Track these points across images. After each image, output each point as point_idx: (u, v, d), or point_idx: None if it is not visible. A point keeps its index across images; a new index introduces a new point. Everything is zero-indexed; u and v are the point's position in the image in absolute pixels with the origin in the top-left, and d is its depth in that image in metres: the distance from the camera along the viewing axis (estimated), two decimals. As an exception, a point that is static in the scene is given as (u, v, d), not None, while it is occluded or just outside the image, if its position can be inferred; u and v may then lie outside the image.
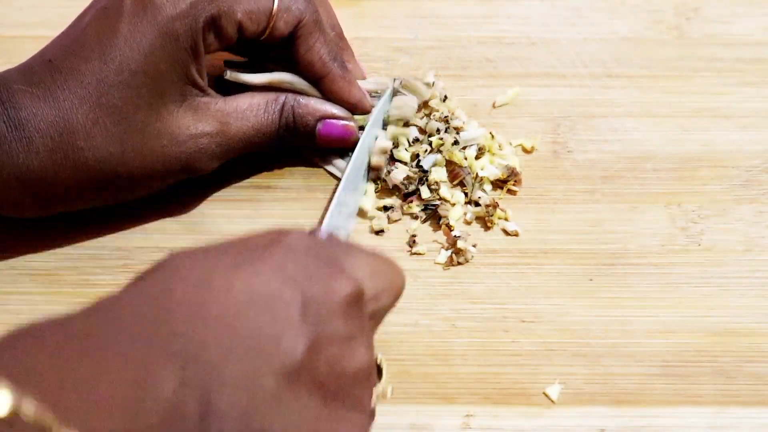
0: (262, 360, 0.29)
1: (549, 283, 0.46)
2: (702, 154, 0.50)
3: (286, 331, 0.30)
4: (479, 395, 0.43)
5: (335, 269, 0.33)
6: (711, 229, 0.48)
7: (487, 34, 0.55)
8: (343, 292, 0.32)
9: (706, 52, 0.54)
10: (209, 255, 0.31)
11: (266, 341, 0.30)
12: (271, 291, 0.31)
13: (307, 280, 0.31)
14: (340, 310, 0.32)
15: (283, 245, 0.32)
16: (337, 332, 0.31)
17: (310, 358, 0.30)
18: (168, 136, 0.43)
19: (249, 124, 0.45)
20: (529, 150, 0.51)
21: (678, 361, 0.43)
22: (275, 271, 0.31)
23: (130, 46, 0.41)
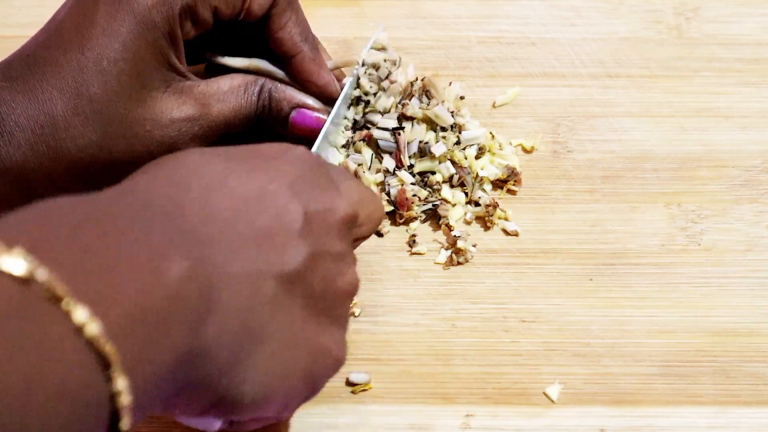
0: (265, 264, 0.31)
1: (549, 283, 0.46)
2: (702, 154, 0.50)
3: (290, 240, 0.32)
4: (479, 395, 0.43)
5: (335, 190, 0.35)
6: (711, 228, 0.48)
7: (486, 34, 0.55)
8: (341, 212, 0.34)
9: (705, 52, 0.54)
10: (224, 157, 0.33)
11: (270, 247, 0.31)
12: (279, 200, 0.32)
13: (311, 195, 0.34)
14: (337, 229, 0.34)
15: (291, 157, 0.34)
16: (333, 249, 0.34)
17: (308, 270, 0.32)
18: (151, 121, 0.43)
19: (230, 106, 0.45)
20: (529, 150, 0.51)
21: (678, 361, 0.44)
22: (284, 182, 0.33)
23: (107, 36, 0.41)
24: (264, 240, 0.31)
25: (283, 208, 0.32)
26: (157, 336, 0.27)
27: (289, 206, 0.33)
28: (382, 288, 0.46)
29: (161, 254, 0.28)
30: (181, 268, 0.28)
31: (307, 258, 0.32)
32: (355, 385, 0.43)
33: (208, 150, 0.34)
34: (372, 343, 0.44)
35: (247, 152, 0.34)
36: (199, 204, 0.31)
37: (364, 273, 0.46)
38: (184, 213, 0.30)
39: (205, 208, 0.31)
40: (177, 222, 0.30)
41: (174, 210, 0.30)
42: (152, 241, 0.28)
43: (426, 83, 0.50)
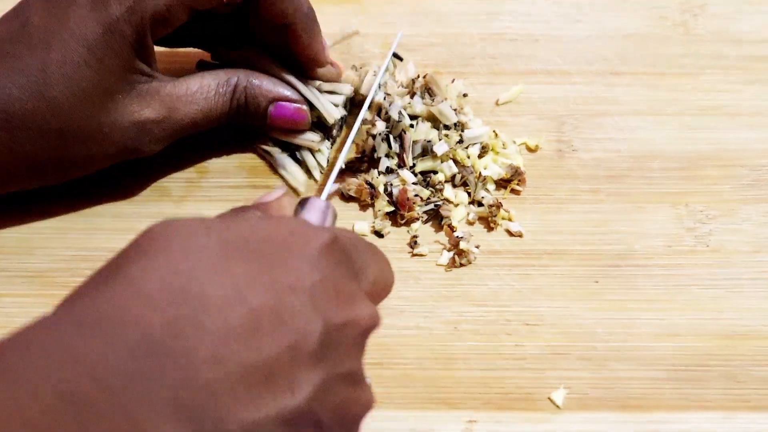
0: (270, 407, 0.27)
1: (553, 285, 0.46)
2: (709, 153, 0.50)
3: (301, 368, 0.28)
4: (482, 400, 0.42)
5: (359, 291, 0.31)
6: (719, 229, 0.48)
7: (489, 30, 0.55)
8: (363, 325, 0.31)
9: (712, 49, 0.54)
10: (228, 254, 0.28)
11: (279, 381, 0.27)
12: (298, 318, 0.28)
13: (334, 304, 0.29)
14: (357, 345, 0.31)
15: (313, 253, 0.30)
16: (348, 370, 0.30)
17: (318, 402, 0.28)
18: (109, 125, 0.43)
19: (197, 108, 0.45)
20: (533, 149, 0.50)
21: (686, 365, 0.43)
22: (306, 291, 0.29)
23: (75, 39, 0.41)
24: (275, 373, 0.27)
25: (301, 328, 0.28)
26: None
27: (308, 325, 0.28)
28: (382, 290, 0.45)
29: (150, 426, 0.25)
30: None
31: (319, 387, 0.28)
32: None
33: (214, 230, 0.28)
34: (372, 347, 0.42)
35: (265, 243, 0.29)
36: (208, 334, 0.26)
37: None
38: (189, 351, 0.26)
39: (215, 342, 0.26)
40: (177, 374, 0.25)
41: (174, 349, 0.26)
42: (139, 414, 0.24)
43: (428, 81, 0.50)
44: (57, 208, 0.47)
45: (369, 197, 0.48)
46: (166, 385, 0.25)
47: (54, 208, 0.47)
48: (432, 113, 0.49)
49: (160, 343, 0.26)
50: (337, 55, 0.53)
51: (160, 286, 0.27)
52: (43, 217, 0.46)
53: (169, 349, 0.26)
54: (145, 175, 0.48)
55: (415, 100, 0.49)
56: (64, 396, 0.24)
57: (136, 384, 0.25)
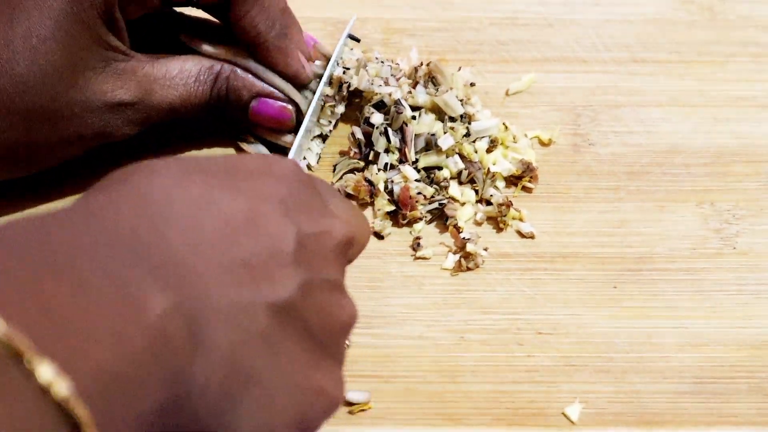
0: (256, 294, 0.30)
1: (568, 291, 0.45)
2: (737, 148, 0.50)
3: (282, 267, 0.30)
4: (491, 416, 0.42)
5: (328, 209, 0.34)
6: (747, 230, 0.47)
7: (499, 14, 0.55)
8: (337, 235, 0.33)
9: (741, 35, 0.54)
10: (203, 171, 0.31)
11: (261, 275, 0.30)
12: (270, 222, 0.31)
13: (305, 216, 0.32)
14: (333, 255, 0.33)
15: (277, 173, 0.33)
16: (328, 278, 0.32)
17: (301, 301, 0.31)
18: (80, 104, 0.43)
19: (176, 93, 0.45)
20: (547, 143, 0.50)
21: (711, 377, 0.43)
22: (275, 201, 0.31)
23: (40, 10, 0.41)
24: (254, 268, 0.30)
25: (275, 232, 0.31)
26: (135, 387, 0.26)
27: (281, 229, 0.31)
28: (382, 296, 0.45)
29: (138, 292, 0.27)
30: (162, 305, 0.27)
31: (301, 287, 0.31)
32: (353, 405, 0.42)
33: (182, 162, 0.31)
34: (372, 358, 0.43)
35: (229, 166, 0.32)
36: (182, 227, 0.29)
37: (363, 279, 0.45)
38: (165, 239, 0.28)
39: (189, 233, 0.29)
40: (156, 251, 0.28)
41: (152, 236, 0.28)
42: (127, 277, 0.27)
43: (432, 69, 0.50)
44: (26, 202, 0.46)
45: (368, 195, 0.47)
46: (146, 261, 0.28)
47: (23, 202, 0.46)
48: (436, 104, 0.49)
49: (133, 232, 0.28)
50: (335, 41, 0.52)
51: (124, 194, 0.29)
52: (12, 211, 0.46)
53: (142, 237, 0.28)
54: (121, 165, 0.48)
55: (417, 90, 0.49)
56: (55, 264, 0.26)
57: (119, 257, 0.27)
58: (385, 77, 0.48)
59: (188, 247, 0.29)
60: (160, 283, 0.27)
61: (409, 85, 0.49)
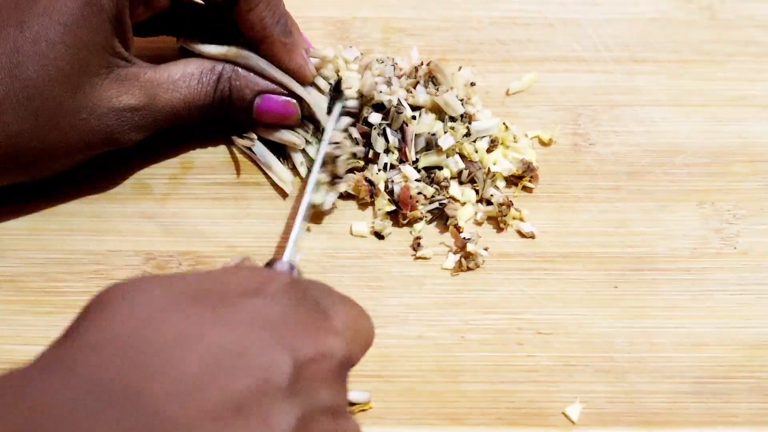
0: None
1: (568, 291, 0.45)
2: (737, 148, 0.50)
3: (275, 403, 0.28)
4: (491, 416, 0.42)
5: (326, 324, 0.32)
6: (748, 230, 0.48)
7: (500, 14, 0.55)
8: (336, 357, 0.31)
9: (741, 35, 0.54)
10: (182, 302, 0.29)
11: (252, 416, 0.28)
12: (261, 355, 0.29)
13: (300, 339, 0.30)
14: (333, 377, 0.31)
15: (270, 293, 0.31)
16: (328, 404, 0.31)
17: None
18: (87, 109, 0.43)
19: (179, 96, 0.45)
20: (547, 142, 0.50)
21: (712, 378, 0.43)
22: (265, 328, 0.29)
23: (49, 15, 0.41)
24: (245, 409, 0.28)
25: (267, 364, 0.29)
26: None
27: (273, 360, 0.29)
28: (383, 296, 0.45)
29: None
30: None
31: (298, 422, 0.29)
32: (354, 405, 0.42)
33: (167, 285, 0.30)
34: (372, 358, 0.42)
35: (218, 288, 0.30)
36: (162, 374, 0.27)
37: (363, 279, 0.45)
38: (144, 391, 0.27)
39: (170, 380, 0.27)
40: (136, 408, 0.26)
41: (132, 389, 0.27)
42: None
43: (432, 68, 0.50)
44: (30, 208, 0.47)
45: (368, 195, 0.47)
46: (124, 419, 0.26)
47: (26, 208, 0.47)
48: (437, 104, 0.49)
49: (113, 383, 0.26)
50: (336, 41, 0.53)
51: (106, 334, 0.28)
52: (14, 217, 0.46)
53: (124, 388, 0.26)
54: (124, 170, 0.48)
55: (418, 90, 0.49)
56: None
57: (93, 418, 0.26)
58: (387, 77, 0.48)
59: (170, 396, 0.27)
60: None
61: (410, 85, 0.49)
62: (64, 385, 0.26)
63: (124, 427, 0.26)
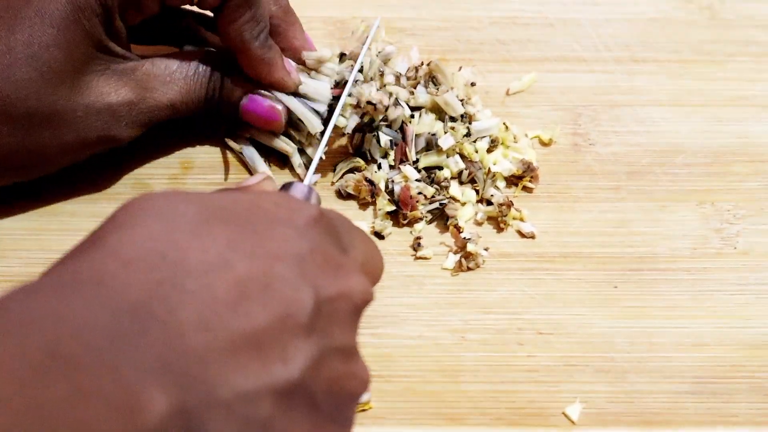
0: (263, 377, 0.28)
1: (569, 291, 0.45)
2: (737, 148, 0.50)
3: (294, 339, 0.29)
4: (491, 416, 0.42)
5: (349, 263, 0.32)
6: (748, 230, 0.48)
7: (500, 13, 0.55)
8: (357, 297, 0.31)
9: (741, 35, 0.54)
10: (224, 220, 0.29)
11: (271, 351, 0.28)
12: (287, 287, 0.29)
13: (325, 276, 0.30)
14: (350, 318, 0.31)
15: (300, 223, 0.31)
16: (342, 344, 0.31)
17: (311, 376, 0.29)
18: (83, 108, 0.43)
19: (177, 88, 0.45)
20: (547, 142, 0.50)
21: (711, 377, 0.43)
22: (294, 259, 0.29)
23: (41, 17, 0.41)
24: (265, 345, 0.28)
25: (291, 297, 0.29)
26: None
27: (298, 295, 0.29)
28: (383, 296, 0.45)
29: (138, 391, 0.25)
30: (162, 407, 0.25)
31: (313, 360, 0.29)
32: None
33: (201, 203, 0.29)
34: (372, 358, 0.43)
35: (250, 212, 0.30)
36: (195, 296, 0.27)
37: None
38: (175, 315, 0.27)
39: (201, 303, 0.27)
40: (164, 333, 0.26)
41: (162, 310, 0.26)
42: (127, 370, 0.25)
43: (432, 68, 0.50)
44: (30, 208, 0.47)
45: (369, 195, 0.47)
46: (151, 346, 0.26)
47: (26, 208, 0.47)
48: (437, 104, 0.49)
49: (143, 305, 0.26)
50: (336, 41, 0.53)
51: (139, 251, 0.28)
52: (14, 217, 0.46)
53: (152, 311, 0.26)
54: (124, 170, 0.48)
55: (418, 90, 0.49)
56: (52, 354, 0.24)
57: (121, 343, 0.25)
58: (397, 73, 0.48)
59: (198, 324, 0.27)
60: (162, 379, 0.26)
61: (410, 85, 0.49)
62: (94, 304, 0.26)
63: (146, 361, 0.26)
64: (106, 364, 0.25)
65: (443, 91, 0.48)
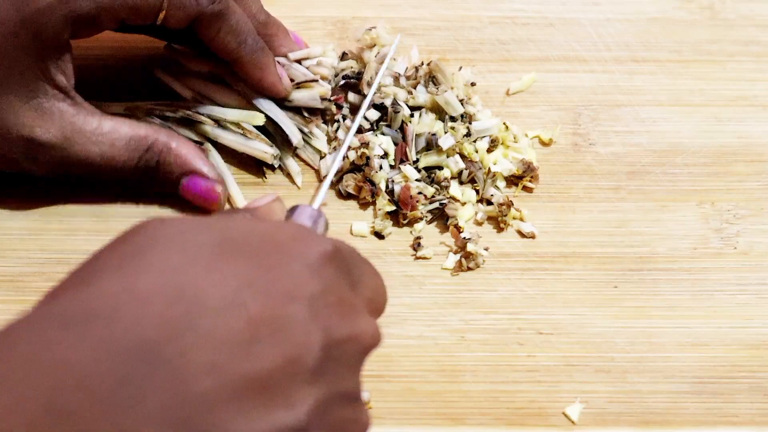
0: (266, 421, 0.27)
1: (569, 291, 0.45)
2: (738, 148, 0.50)
3: (299, 384, 0.28)
4: (491, 416, 0.42)
5: (359, 304, 0.31)
6: (748, 230, 0.48)
7: (500, 13, 0.55)
8: (365, 341, 0.31)
9: (741, 35, 0.54)
10: (238, 252, 0.28)
11: (275, 395, 0.27)
12: (297, 329, 0.28)
13: (335, 318, 0.29)
14: (357, 363, 0.31)
15: (313, 259, 0.30)
16: (347, 390, 0.30)
17: (315, 422, 0.28)
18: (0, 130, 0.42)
19: (97, 151, 0.44)
20: (547, 142, 0.50)
21: (712, 377, 0.43)
22: (305, 299, 0.29)
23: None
24: (271, 386, 0.27)
25: (302, 342, 0.28)
26: None
27: (309, 338, 0.28)
28: (383, 296, 0.45)
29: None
30: None
31: (318, 405, 0.28)
32: None
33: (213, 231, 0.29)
34: (372, 358, 0.42)
35: (264, 244, 0.29)
36: (203, 339, 0.26)
37: None
38: (185, 357, 0.26)
39: (213, 344, 0.26)
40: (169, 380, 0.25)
41: (171, 351, 0.26)
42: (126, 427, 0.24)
43: (432, 68, 0.50)
44: (30, 208, 0.47)
45: (369, 195, 0.47)
46: (157, 393, 0.25)
47: (26, 208, 0.47)
48: (437, 103, 0.49)
49: (154, 346, 0.26)
50: (335, 40, 0.53)
51: (155, 283, 0.27)
52: (14, 217, 0.46)
53: (162, 352, 0.26)
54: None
55: (418, 90, 0.49)
56: (50, 409, 0.24)
57: (126, 391, 0.25)
58: (395, 73, 0.49)
59: (207, 367, 0.26)
60: (165, 424, 0.25)
61: (410, 85, 0.49)
62: (103, 345, 0.25)
63: (157, 402, 0.25)
64: (109, 418, 0.24)
65: (443, 91, 0.48)
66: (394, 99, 0.48)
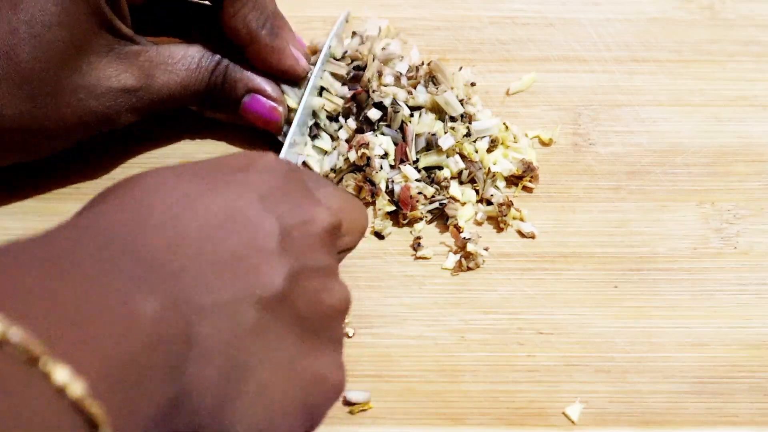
0: (242, 290, 0.31)
1: (569, 291, 0.46)
2: (738, 148, 0.50)
3: (266, 260, 0.31)
4: (491, 416, 0.42)
5: (312, 198, 0.34)
6: (748, 230, 0.48)
7: (500, 13, 0.55)
8: (322, 223, 0.34)
9: (742, 35, 0.54)
10: (187, 176, 0.32)
11: (246, 270, 0.31)
12: (250, 217, 0.32)
13: (287, 207, 0.33)
14: (319, 242, 0.33)
15: (259, 168, 0.34)
16: (316, 264, 0.33)
17: (290, 290, 0.32)
18: (85, 90, 0.43)
19: (177, 79, 0.45)
20: (547, 142, 0.50)
21: (712, 377, 0.43)
22: (254, 195, 0.32)
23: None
24: (238, 263, 0.31)
25: (255, 225, 0.32)
26: (139, 387, 0.27)
27: (262, 222, 0.32)
28: (382, 296, 0.45)
29: (130, 296, 0.28)
30: (153, 308, 0.28)
31: (288, 277, 0.32)
32: (354, 405, 0.42)
33: (168, 169, 0.33)
34: (372, 358, 0.44)
35: (211, 167, 0.33)
36: (163, 231, 0.30)
37: (363, 279, 0.46)
38: (149, 244, 0.30)
39: (170, 236, 0.30)
40: (142, 255, 0.29)
41: (137, 242, 0.30)
42: (120, 282, 0.28)
43: (432, 68, 0.50)
44: (30, 207, 0.47)
45: (369, 195, 0.47)
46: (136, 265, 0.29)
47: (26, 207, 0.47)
48: (437, 103, 0.49)
49: (128, 237, 0.29)
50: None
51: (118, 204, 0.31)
52: (14, 217, 0.46)
53: (130, 244, 0.29)
54: (125, 169, 0.48)
55: (418, 90, 0.49)
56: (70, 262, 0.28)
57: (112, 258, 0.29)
58: (397, 73, 0.49)
59: (170, 248, 0.30)
60: (146, 286, 0.28)
61: (410, 85, 0.49)
62: (84, 237, 0.29)
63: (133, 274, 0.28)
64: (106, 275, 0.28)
65: (443, 91, 0.48)
66: (394, 99, 0.48)
